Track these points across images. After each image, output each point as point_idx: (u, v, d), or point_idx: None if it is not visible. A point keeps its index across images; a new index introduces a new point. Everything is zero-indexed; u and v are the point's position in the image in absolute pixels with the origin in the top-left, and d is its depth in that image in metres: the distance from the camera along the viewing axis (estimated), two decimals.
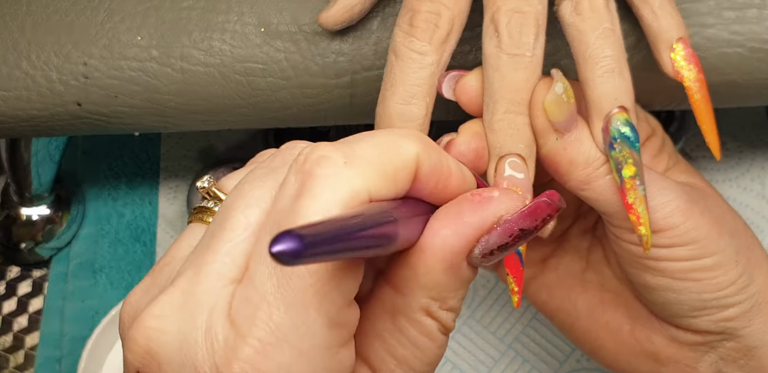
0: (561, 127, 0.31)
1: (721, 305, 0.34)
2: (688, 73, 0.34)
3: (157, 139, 0.58)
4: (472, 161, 0.32)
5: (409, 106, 0.32)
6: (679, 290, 0.34)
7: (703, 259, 0.33)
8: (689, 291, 0.34)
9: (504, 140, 0.32)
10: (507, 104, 0.31)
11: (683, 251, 0.33)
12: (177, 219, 0.56)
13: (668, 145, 0.38)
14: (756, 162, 0.55)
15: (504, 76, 0.31)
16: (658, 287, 0.34)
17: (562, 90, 0.30)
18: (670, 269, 0.34)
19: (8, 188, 0.54)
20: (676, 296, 0.34)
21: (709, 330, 0.35)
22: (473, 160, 0.32)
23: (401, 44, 0.32)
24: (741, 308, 0.34)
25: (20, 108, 0.39)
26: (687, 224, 0.33)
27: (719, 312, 0.34)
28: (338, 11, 0.35)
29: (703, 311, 0.34)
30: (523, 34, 0.31)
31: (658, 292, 0.35)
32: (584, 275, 0.39)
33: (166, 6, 0.38)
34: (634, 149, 0.31)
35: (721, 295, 0.34)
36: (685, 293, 0.34)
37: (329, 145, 0.24)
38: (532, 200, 0.31)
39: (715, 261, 0.33)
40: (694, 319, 0.35)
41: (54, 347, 0.53)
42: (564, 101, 0.31)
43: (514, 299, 0.32)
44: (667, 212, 0.33)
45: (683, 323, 0.35)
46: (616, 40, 0.32)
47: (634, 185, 0.31)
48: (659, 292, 0.34)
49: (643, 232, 0.32)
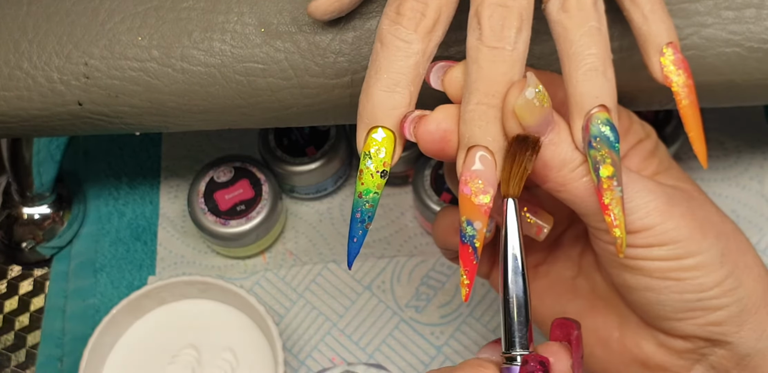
0: (533, 132, 0.31)
1: (706, 307, 0.34)
2: (676, 78, 0.34)
3: (158, 138, 0.58)
4: (437, 142, 0.32)
5: (393, 93, 0.32)
6: (659, 290, 0.34)
7: (684, 259, 0.33)
8: (670, 291, 0.34)
9: (473, 131, 0.31)
10: (480, 96, 0.31)
11: (662, 251, 0.33)
12: (178, 218, 0.56)
13: (661, 150, 0.38)
14: (755, 161, 0.55)
15: (481, 68, 0.31)
16: (638, 287, 0.34)
17: (534, 95, 0.30)
18: (648, 267, 0.33)
19: (10, 187, 0.54)
20: (656, 296, 0.34)
21: (697, 335, 0.34)
22: (439, 142, 0.32)
23: (387, 32, 0.32)
24: (728, 312, 0.34)
25: (21, 108, 0.39)
26: (666, 224, 0.33)
27: (705, 315, 0.34)
28: (327, 0, 0.35)
29: (687, 313, 0.34)
30: (504, 28, 0.31)
31: (639, 292, 0.34)
32: (575, 281, 0.39)
33: (166, 6, 0.39)
34: (613, 150, 0.31)
35: (705, 296, 0.34)
36: (666, 293, 0.34)
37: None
38: (495, 194, 0.31)
39: (698, 262, 0.33)
40: (679, 322, 0.34)
41: (55, 346, 0.53)
42: (536, 106, 0.30)
43: (463, 292, 0.32)
44: (643, 214, 0.33)
45: (670, 327, 0.35)
46: (602, 39, 0.32)
47: (611, 186, 0.31)
48: (639, 292, 0.34)
49: (618, 234, 0.32)
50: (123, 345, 0.51)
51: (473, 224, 0.31)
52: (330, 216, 0.56)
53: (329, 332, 0.53)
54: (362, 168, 0.32)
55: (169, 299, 0.52)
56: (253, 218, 0.51)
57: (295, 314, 0.53)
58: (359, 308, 0.53)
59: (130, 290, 0.54)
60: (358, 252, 0.33)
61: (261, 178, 0.52)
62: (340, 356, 0.52)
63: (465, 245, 0.31)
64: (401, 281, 0.54)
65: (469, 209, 0.31)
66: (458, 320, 0.53)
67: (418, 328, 0.53)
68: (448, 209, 0.39)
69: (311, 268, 0.54)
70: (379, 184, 0.32)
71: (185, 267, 0.55)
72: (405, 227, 0.55)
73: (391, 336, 0.53)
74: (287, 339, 0.53)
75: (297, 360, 0.52)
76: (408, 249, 0.55)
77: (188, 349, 0.51)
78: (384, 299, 0.53)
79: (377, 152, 0.32)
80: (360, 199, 0.32)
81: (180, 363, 0.50)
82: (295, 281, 0.54)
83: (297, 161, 0.52)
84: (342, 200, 0.56)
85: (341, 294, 0.54)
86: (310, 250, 0.55)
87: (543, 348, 0.32)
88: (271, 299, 0.54)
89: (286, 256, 0.55)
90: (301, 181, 0.53)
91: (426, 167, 0.52)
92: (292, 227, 0.56)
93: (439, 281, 0.53)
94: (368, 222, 0.32)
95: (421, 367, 0.52)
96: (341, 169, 0.55)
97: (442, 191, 0.51)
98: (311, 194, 0.55)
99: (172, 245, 0.55)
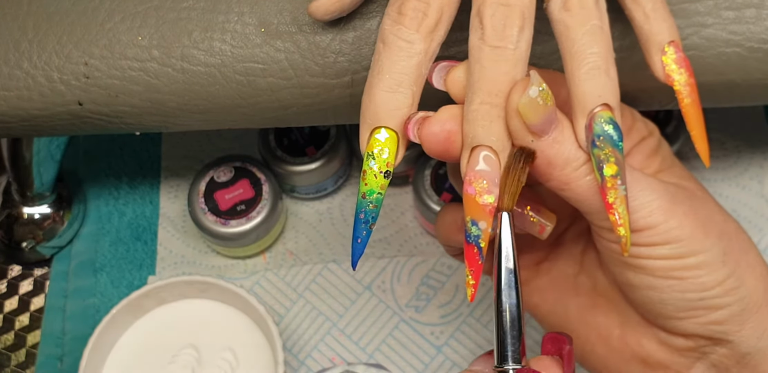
0: (537, 130, 0.31)
1: (708, 306, 0.34)
2: (678, 77, 0.34)
3: (158, 138, 0.58)
4: (441, 143, 0.32)
5: (395, 94, 0.32)
6: (661, 289, 0.34)
7: (687, 258, 0.33)
8: (672, 290, 0.34)
9: (476, 131, 0.31)
10: (483, 95, 0.31)
11: (664, 249, 0.33)
12: (178, 218, 0.56)
13: (664, 148, 0.38)
14: (754, 161, 0.55)
15: (484, 68, 0.31)
16: (641, 286, 0.34)
17: (537, 93, 0.30)
18: (651, 266, 0.33)
19: (10, 187, 0.54)
20: (659, 294, 0.34)
21: (698, 334, 0.35)
22: (443, 143, 0.32)
23: (389, 32, 0.32)
24: (730, 311, 0.34)
25: (22, 108, 0.39)
26: (668, 223, 0.33)
27: (707, 314, 0.34)
28: (328, 0, 0.35)
29: (689, 312, 0.34)
30: (507, 27, 0.31)
31: (641, 290, 0.34)
32: (577, 278, 0.39)
33: (166, 6, 0.39)
34: (617, 148, 0.31)
35: (707, 295, 0.34)
36: (668, 292, 0.34)
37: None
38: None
39: (700, 260, 0.33)
40: (681, 321, 0.34)
41: (55, 346, 0.53)
42: (539, 105, 0.30)
43: (468, 292, 0.32)
44: (647, 212, 0.33)
45: (671, 326, 0.35)
46: (604, 37, 0.32)
47: (615, 184, 0.31)
48: (642, 290, 0.34)
49: (623, 233, 0.32)
50: (123, 345, 0.51)
51: (478, 224, 0.31)
52: (330, 216, 0.56)
53: (329, 332, 0.53)
54: (365, 169, 0.32)
55: (169, 299, 0.52)
56: (253, 218, 0.51)
57: (295, 314, 0.53)
58: (359, 308, 0.53)
59: (130, 289, 0.54)
60: (362, 253, 0.33)
61: (261, 178, 0.52)
62: (340, 356, 0.52)
63: (470, 245, 0.31)
64: (401, 281, 0.54)
65: (473, 209, 0.31)
66: (458, 320, 0.53)
67: (418, 328, 0.53)
68: (450, 205, 0.39)
69: (311, 268, 0.54)
70: (382, 185, 0.32)
71: (185, 267, 0.55)
72: (405, 227, 0.55)
73: (391, 336, 0.53)
74: (287, 339, 0.53)
75: (297, 360, 0.52)
76: (408, 249, 0.55)
77: (188, 349, 0.51)
78: (384, 299, 0.53)
79: (380, 153, 0.32)
80: (363, 199, 0.32)
81: (180, 363, 0.50)
82: (295, 281, 0.54)
83: (297, 161, 0.52)
84: (342, 200, 0.56)
85: (341, 294, 0.54)
86: (310, 250, 0.55)
87: (535, 362, 0.32)
88: (271, 299, 0.54)
89: (286, 256, 0.55)
90: (301, 181, 0.53)
91: (426, 167, 0.52)
92: (292, 227, 0.56)
93: (439, 281, 0.53)
94: (372, 223, 0.32)
95: (421, 367, 0.52)
96: (341, 169, 0.55)
97: (442, 191, 0.51)
98: (311, 193, 0.55)
99: (172, 244, 0.55)
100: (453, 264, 0.54)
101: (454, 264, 0.54)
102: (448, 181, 0.51)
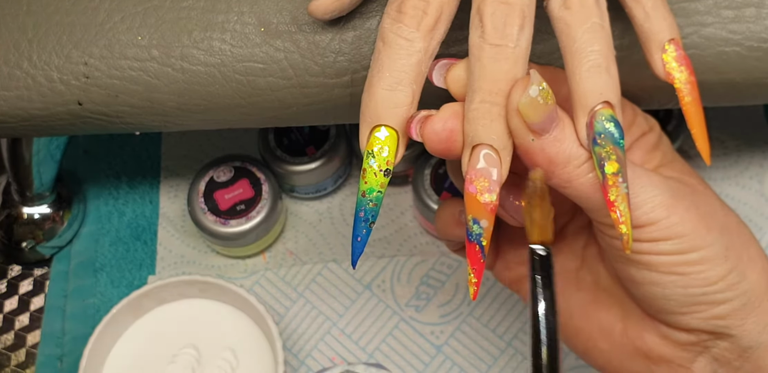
0: (538, 129, 0.31)
1: (711, 301, 0.34)
2: (679, 74, 0.34)
3: (157, 138, 0.58)
4: (444, 141, 0.32)
5: (395, 92, 0.32)
6: (664, 284, 0.34)
7: (689, 253, 0.33)
8: (675, 285, 0.34)
9: (476, 129, 0.31)
10: (484, 94, 0.31)
11: (667, 245, 0.33)
12: (178, 218, 0.56)
13: (665, 143, 0.38)
14: (754, 160, 0.55)
15: (484, 66, 0.31)
16: (644, 281, 0.34)
17: (537, 92, 0.30)
18: (653, 262, 0.33)
19: (9, 187, 0.54)
20: (662, 290, 0.34)
21: (701, 328, 0.35)
22: (445, 141, 0.32)
23: (389, 31, 0.32)
24: (732, 306, 0.34)
25: (21, 108, 0.39)
26: (671, 219, 0.33)
27: (709, 309, 0.34)
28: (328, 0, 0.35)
29: (691, 307, 0.34)
30: (507, 25, 0.31)
31: (644, 286, 0.34)
32: (578, 273, 0.39)
33: (166, 6, 0.39)
34: (618, 146, 0.31)
35: (710, 290, 0.34)
36: (671, 288, 0.34)
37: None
38: (500, 192, 0.31)
39: (702, 256, 0.33)
40: (683, 316, 0.34)
41: (55, 346, 0.53)
42: (539, 104, 0.30)
43: (471, 290, 0.32)
44: (649, 208, 0.33)
45: (674, 321, 0.35)
46: (605, 35, 0.32)
47: (617, 182, 0.31)
48: (645, 286, 0.34)
49: (624, 230, 0.32)
50: (123, 345, 0.51)
51: (480, 222, 0.31)
52: (330, 216, 0.56)
53: (329, 332, 0.53)
54: (365, 167, 0.32)
55: (168, 299, 0.52)
56: (253, 218, 0.51)
57: (295, 313, 0.53)
58: (359, 307, 0.53)
59: (130, 289, 0.54)
60: (362, 251, 0.33)
61: (261, 178, 0.52)
62: (340, 355, 0.52)
63: (472, 244, 0.31)
64: (401, 280, 0.54)
65: (475, 207, 0.31)
66: (458, 320, 0.53)
67: (418, 327, 0.53)
68: (449, 200, 0.39)
69: (311, 267, 0.54)
70: (382, 183, 0.32)
71: (185, 267, 0.55)
72: (405, 227, 0.55)
73: (391, 336, 0.53)
74: (287, 339, 0.53)
75: (297, 360, 0.52)
76: (408, 248, 0.55)
77: (188, 349, 0.51)
78: (384, 298, 0.53)
79: (380, 151, 0.32)
80: (363, 198, 0.32)
81: (180, 363, 0.50)
82: (295, 281, 0.54)
83: (297, 161, 0.52)
84: (342, 200, 0.56)
85: (341, 294, 0.54)
86: (310, 249, 0.55)
87: None
88: (271, 299, 0.54)
89: (286, 255, 0.55)
90: (301, 180, 0.53)
91: (426, 167, 0.52)
92: (292, 227, 0.56)
93: (439, 281, 0.53)
94: (372, 221, 0.32)
95: (421, 366, 0.52)
96: (341, 169, 0.55)
97: (442, 191, 0.51)
98: (311, 193, 0.55)
99: (172, 244, 0.55)
100: (453, 264, 0.54)
101: (454, 264, 0.54)
102: (448, 180, 0.51)
